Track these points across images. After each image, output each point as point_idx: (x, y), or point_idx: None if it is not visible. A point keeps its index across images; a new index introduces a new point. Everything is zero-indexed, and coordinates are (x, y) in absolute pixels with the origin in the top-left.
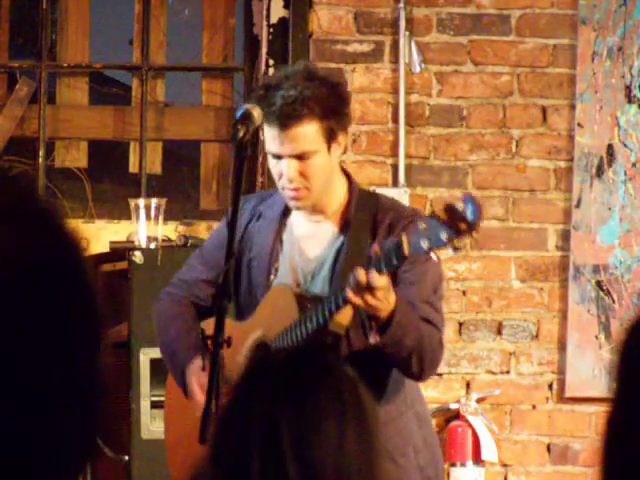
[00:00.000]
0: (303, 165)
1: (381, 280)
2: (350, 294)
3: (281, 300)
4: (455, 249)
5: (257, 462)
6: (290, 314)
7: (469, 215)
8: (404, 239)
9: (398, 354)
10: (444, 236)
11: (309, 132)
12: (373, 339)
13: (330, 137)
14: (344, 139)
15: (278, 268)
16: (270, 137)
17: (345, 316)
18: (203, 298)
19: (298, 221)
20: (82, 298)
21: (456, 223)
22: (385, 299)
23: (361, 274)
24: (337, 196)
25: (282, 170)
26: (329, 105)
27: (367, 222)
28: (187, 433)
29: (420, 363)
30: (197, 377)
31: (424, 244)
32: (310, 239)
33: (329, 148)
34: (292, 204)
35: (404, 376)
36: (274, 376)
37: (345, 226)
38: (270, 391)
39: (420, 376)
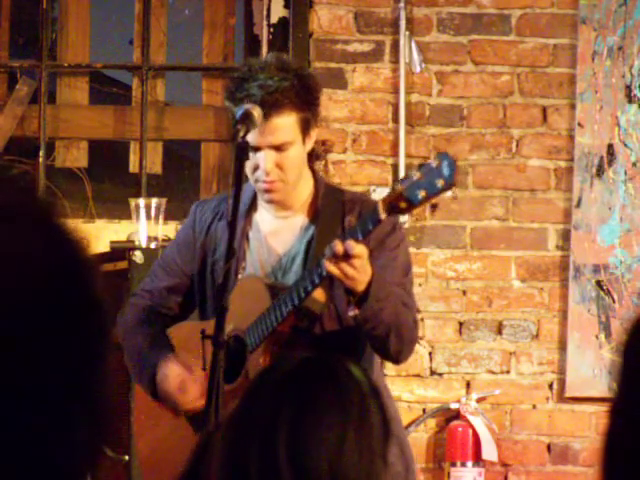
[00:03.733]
0: (280, 157)
1: (358, 248)
2: (328, 265)
3: (251, 291)
4: (432, 207)
5: (254, 468)
6: (262, 303)
7: (445, 171)
8: (380, 204)
9: (377, 331)
10: (422, 194)
11: (288, 123)
12: (352, 312)
13: (305, 129)
14: (315, 132)
15: (245, 267)
16: None
17: (320, 294)
18: (168, 306)
19: (264, 218)
20: (86, 300)
21: (433, 180)
22: (362, 269)
23: (338, 244)
24: (305, 190)
25: (258, 162)
26: (305, 96)
27: (336, 213)
28: (162, 441)
29: (399, 342)
30: (175, 377)
31: (402, 205)
32: (278, 235)
33: (304, 140)
34: (266, 197)
35: (385, 359)
36: (275, 381)
37: (314, 217)
38: (270, 398)
39: (398, 356)
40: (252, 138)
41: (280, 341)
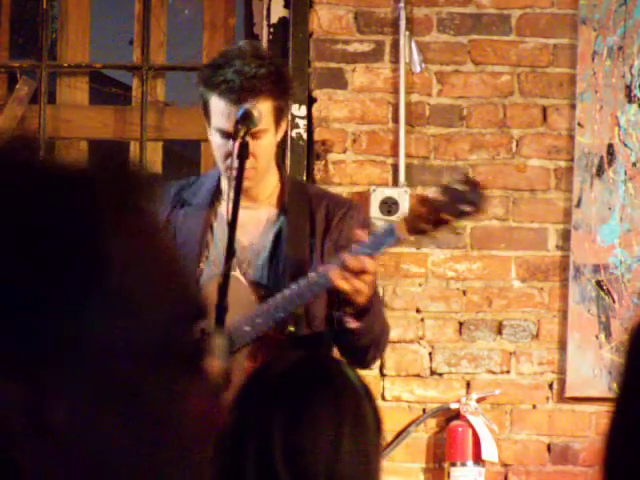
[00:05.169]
0: (253, 145)
1: (373, 264)
2: (338, 279)
3: (233, 289)
4: (455, 232)
5: (250, 469)
6: (246, 302)
7: (473, 198)
8: (401, 222)
9: (363, 341)
10: (446, 217)
11: (264, 110)
12: (353, 324)
13: (279, 118)
14: (286, 123)
15: (208, 256)
16: (224, 114)
17: None
18: None
19: (229, 208)
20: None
21: (458, 206)
22: (372, 284)
23: (352, 259)
24: (270, 183)
25: (230, 149)
26: (280, 85)
27: (303, 208)
28: None
29: (376, 350)
30: None
31: (425, 226)
32: (242, 226)
33: (276, 129)
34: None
35: (353, 364)
36: (270, 382)
37: (282, 211)
38: (266, 399)
39: (370, 363)
40: (227, 124)
41: (269, 345)
